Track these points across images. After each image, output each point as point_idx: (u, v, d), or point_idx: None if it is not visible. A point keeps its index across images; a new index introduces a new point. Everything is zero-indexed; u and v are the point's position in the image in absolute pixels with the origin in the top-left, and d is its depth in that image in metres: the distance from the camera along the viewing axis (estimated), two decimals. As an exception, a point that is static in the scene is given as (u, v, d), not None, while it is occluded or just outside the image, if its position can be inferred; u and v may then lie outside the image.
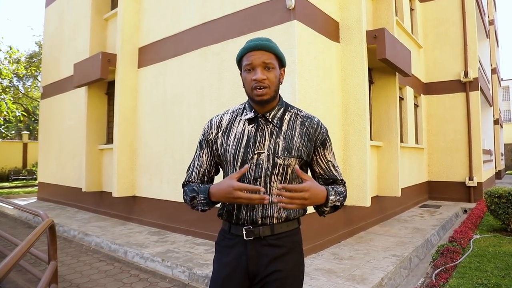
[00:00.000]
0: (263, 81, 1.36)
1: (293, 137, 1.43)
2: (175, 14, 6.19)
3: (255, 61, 1.37)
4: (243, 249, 1.41)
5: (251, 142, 1.42)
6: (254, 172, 1.40)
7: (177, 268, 4.12)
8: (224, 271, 1.43)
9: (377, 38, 5.30)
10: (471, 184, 9.13)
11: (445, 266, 3.78)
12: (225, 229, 1.49)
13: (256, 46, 1.37)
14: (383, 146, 6.35)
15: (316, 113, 4.77)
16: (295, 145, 1.42)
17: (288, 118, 1.46)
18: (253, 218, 1.40)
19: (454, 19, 9.67)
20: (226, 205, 1.47)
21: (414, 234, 5.64)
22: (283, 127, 1.44)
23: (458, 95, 9.50)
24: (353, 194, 5.27)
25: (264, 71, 1.37)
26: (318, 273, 3.84)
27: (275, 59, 1.40)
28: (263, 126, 1.43)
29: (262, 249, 1.40)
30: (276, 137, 1.42)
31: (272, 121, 1.44)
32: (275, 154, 1.40)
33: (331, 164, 1.51)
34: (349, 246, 4.97)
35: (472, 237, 5.13)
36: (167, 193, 6.10)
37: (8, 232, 6.59)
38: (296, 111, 1.50)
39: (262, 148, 1.41)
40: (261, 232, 1.40)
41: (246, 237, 1.40)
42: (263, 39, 1.40)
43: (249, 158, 1.40)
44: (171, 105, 6.13)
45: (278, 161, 1.39)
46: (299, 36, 4.48)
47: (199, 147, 1.57)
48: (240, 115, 1.50)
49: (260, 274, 1.40)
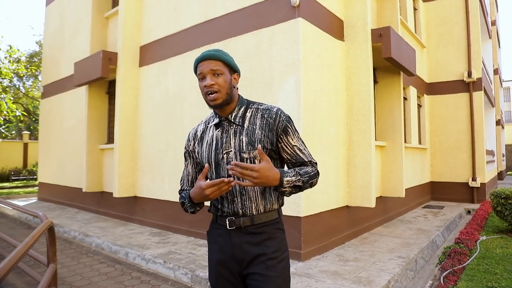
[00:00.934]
0: (212, 86, 1.50)
1: (254, 131, 1.55)
2: (176, 12, 6.12)
3: (204, 70, 1.52)
4: (228, 237, 1.57)
5: (219, 144, 1.58)
6: (227, 170, 1.53)
7: (180, 270, 4.04)
8: (215, 256, 1.61)
9: (382, 37, 5.23)
10: (474, 185, 9.05)
11: (453, 268, 3.70)
12: (213, 220, 1.67)
13: (204, 57, 1.52)
14: (387, 146, 6.28)
15: (321, 112, 4.70)
16: (257, 138, 1.54)
17: (249, 115, 1.59)
18: (235, 210, 1.56)
19: (457, 19, 9.59)
20: (213, 201, 1.63)
21: (419, 235, 5.57)
22: (245, 124, 1.57)
23: (461, 95, 9.43)
24: (357, 194, 5.20)
25: (213, 77, 1.51)
26: (323, 275, 3.77)
27: (223, 65, 1.53)
28: (227, 128, 1.58)
29: (244, 237, 1.55)
30: (239, 135, 1.55)
31: (235, 121, 1.57)
32: (241, 150, 1.54)
33: (296, 148, 1.60)
34: (354, 247, 4.90)
35: (479, 238, 5.05)
36: (169, 193, 6.02)
37: (7, 233, 6.52)
38: (257, 106, 1.62)
39: (229, 148, 1.56)
40: (241, 222, 1.55)
41: (229, 227, 1.56)
42: (212, 50, 1.54)
43: (220, 158, 1.57)
44: (172, 104, 6.05)
45: (244, 155, 1.53)
46: (304, 34, 4.41)
47: (185, 159, 1.76)
48: (210, 123, 1.66)
49: (246, 259, 1.54)
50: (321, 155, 4.61)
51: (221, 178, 1.51)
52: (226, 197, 1.56)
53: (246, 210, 1.55)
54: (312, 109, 4.49)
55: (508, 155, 24.90)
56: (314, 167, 1.62)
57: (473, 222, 5.94)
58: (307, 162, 1.61)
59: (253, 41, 4.89)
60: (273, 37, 4.66)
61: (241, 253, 1.55)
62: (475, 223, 5.89)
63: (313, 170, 1.60)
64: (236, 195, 1.55)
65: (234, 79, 1.58)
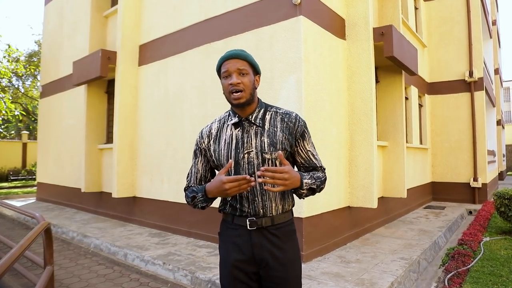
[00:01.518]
0: (238, 85, 1.52)
1: (275, 133, 1.59)
2: (176, 11, 6.06)
3: (231, 68, 1.54)
4: (248, 237, 1.57)
5: (240, 144, 1.59)
6: (248, 170, 1.57)
7: (179, 272, 3.98)
8: (232, 256, 1.58)
9: (384, 35, 5.17)
10: (476, 185, 8.99)
11: (457, 270, 3.64)
12: (228, 220, 1.65)
13: (231, 55, 1.55)
14: (388, 146, 6.22)
15: (322, 112, 4.64)
16: (279, 140, 1.58)
17: (269, 117, 1.62)
18: (255, 210, 1.57)
19: (458, 18, 9.53)
20: (229, 200, 1.62)
21: (421, 236, 5.51)
22: (265, 126, 1.60)
23: (462, 95, 9.37)
24: (359, 195, 5.14)
25: (239, 77, 1.54)
26: (325, 277, 3.71)
27: (248, 66, 1.57)
28: (247, 128, 1.60)
29: (264, 237, 1.57)
30: (260, 136, 1.58)
31: (255, 122, 1.60)
32: (263, 151, 1.57)
33: (310, 153, 1.68)
34: (355, 248, 4.84)
35: (482, 239, 4.99)
36: (168, 193, 5.96)
37: (5, 233, 6.45)
38: (276, 110, 1.66)
39: (250, 148, 1.58)
40: (263, 222, 1.57)
41: (250, 227, 1.56)
42: (238, 50, 1.58)
43: (241, 158, 1.57)
44: (172, 104, 5.99)
45: (266, 156, 1.56)
46: (305, 33, 4.35)
47: (194, 156, 1.74)
48: (226, 122, 1.66)
49: (265, 259, 1.56)
50: (323, 155, 4.55)
51: None
52: (246, 197, 1.57)
53: (266, 211, 1.58)
54: (313, 109, 4.43)
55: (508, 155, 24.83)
56: (324, 172, 1.70)
57: (476, 223, 5.88)
58: (318, 167, 1.70)
59: (253, 39, 4.83)
60: (274, 35, 4.60)
61: (261, 253, 1.56)
62: (478, 224, 5.83)
63: (323, 175, 1.68)
64: (257, 195, 1.57)
65: (256, 80, 1.62)
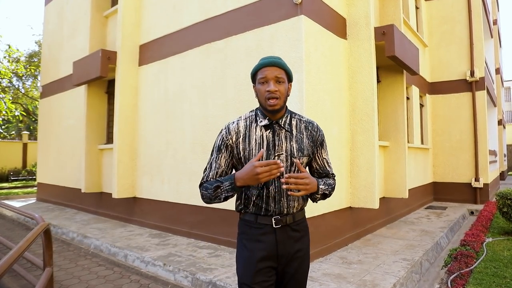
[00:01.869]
0: (275, 92, 1.60)
1: (302, 139, 1.71)
2: (176, 11, 6.03)
3: (269, 75, 1.62)
4: (273, 235, 1.66)
5: (271, 146, 1.67)
6: None
7: (180, 273, 3.95)
8: (259, 254, 1.65)
9: (385, 35, 5.14)
10: (477, 185, 8.95)
11: (460, 271, 3.61)
12: (250, 220, 1.71)
13: (270, 63, 1.62)
14: (390, 146, 6.19)
15: (324, 112, 4.61)
16: (305, 146, 1.71)
17: (295, 124, 1.74)
18: (280, 209, 1.67)
19: (459, 18, 9.50)
20: (254, 201, 1.68)
21: (423, 237, 5.48)
22: (293, 131, 1.71)
23: (464, 94, 9.33)
24: (360, 195, 5.11)
25: (276, 84, 1.62)
26: (327, 279, 3.67)
27: (285, 74, 1.65)
28: (278, 132, 1.69)
29: (287, 234, 1.69)
30: (290, 141, 1.69)
31: (284, 126, 1.69)
32: (292, 154, 1.68)
33: (325, 161, 1.82)
34: (357, 249, 4.81)
35: (485, 240, 4.96)
36: (169, 194, 5.93)
37: (5, 234, 6.43)
38: (299, 117, 1.78)
39: (281, 150, 1.68)
40: (287, 220, 1.69)
41: (275, 225, 1.67)
42: (275, 57, 1.66)
43: (271, 159, 1.65)
44: (172, 104, 5.96)
45: (295, 160, 1.67)
46: (306, 32, 4.32)
47: (217, 151, 1.73)
48: (254, 122, 1.72)
49: (287, 255, 1.69)
50: (324, 156, 4.51)
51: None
52: (273, 197, 1.66)
53: (289, 209, 1.69)
54: (314, 108, 4.40)
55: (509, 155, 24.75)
56: (334, 180, 1.84)
57: (478, 224, 5.84)
58: (330, 174, 1.85)
59: (254, 39, 4.80)
60: (274, 35, 4.57)
61: (284, 249, 1.68)
62: (480, 224, 5.79)
63: (334, 182, 1.82)
64: (282, 195, 1.67)
65: (289, 87, 1.72)
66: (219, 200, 1.65)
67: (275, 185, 1.65)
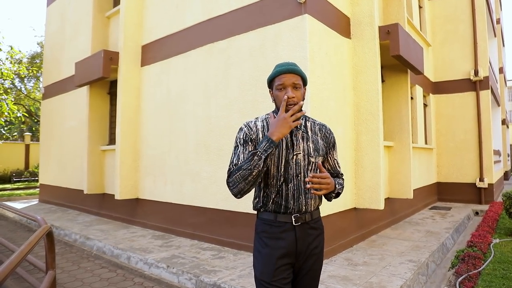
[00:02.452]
0: (293, 99, 1.67)
1: (317, 140, 1.80)
2: (179, 10, 6.00)
3: (287, 82, 1.69)
4: (293, 233, 1.71)
5: (289, 145, 1.74)
6: (295, 170, 1.73)
7: (183, 275, 3.91)
8: (279, 252, 1.69)
9: (390, 34, 5.09)
10: (482, 186, 8.88)
11: (468, 273, 3.55)
12: (270, 219, 1.75)
13: (288, 70, 1.70)
14: (394, 146, 6.13)
15: (328, 112, 4.56)
16: (321, 147, 1.80)
17: (309, 126, 1.83)
18: (299, 207, 1.73)
19: (463, 17, 9.43)
20: (273, 198, 1.73)
21: (428, 238, 5.42)
22: (309, 133, 1.80)
23: (467, 94, 9.26)
24: (365, 196, 5.06)
25: (294, 90, 1.69)
26: (333, 281, 3.62)
27: (301, 80, 1.73)
28: (295, 132, 1.76)
29: (306, 231, 1.75)
30: (306, 141, 1.77)
31: (300, 128, 1.78)
32: (309, 154, 1.76)
33: (336, 162, 1.94)
34: (362, 250, 4.75)
35: (492, 241, 4.89)
36: (171, 195, 5.89)
37: (7, 235, 6.41)
38: (312, 120, 1.87)
39: (299, 150, 1.75)
40: (306, 218, 1.75)
41: (295, 223, 1.72)
42: (291, 63, 1.73)
43: (290, 158, 1.73)
44: (175, 104, 5.92)
45: (312, 159, 1.76)
46: (310, 31, 4.27)
47: (243, 144, 1.75)
48: None
49: (305, 251, 1.74)
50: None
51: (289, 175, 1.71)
52: (292, 194, 1.71)
53: (308, 207, 1.75)
54: (319, 109, 4.35)
55: (512, 155, 24.60)
56: (343, 179, 1.94)
57: (484, 224, 5.78)
58: (340, 175, 1.95)
59: (258, 39, 4.76)
60: (278, 34, 4.52)
61: (303, 246, 1.73)
62: (486, 225, 5.72)
63: (343, 182, 1.92)
64: (301, 193, 1.72)
65: (304, 92, 1.77)
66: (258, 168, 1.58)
67: (294, 182, 1.71)
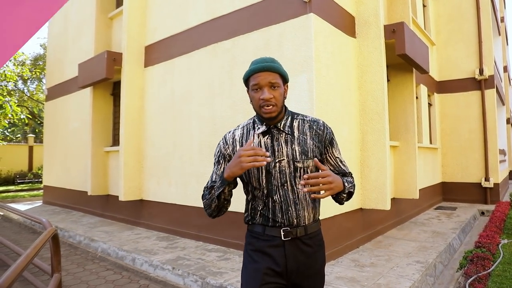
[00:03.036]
0: (270, 100, 1.48)
1: (305, 140, 1.55)
2: (182, 10, 5.98)
3: (262, 82, 1.48)
4: (281, 248, 1.51)
5: (270, 152, 1.53)
6: (280, 179, 1.52)
7: (189, 277, 3.88)
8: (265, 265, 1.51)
9: (395, 33, 5.04)
10: (487, 185, 8.80)
11: (477, 274, 3.50)
12: (258, 231, 1.56)
13: (263, 68, 1.48)
14: (399, 146, 6.08)
15: (334, 112, 4.52)
16: (310, 148, 1.55)
17: (296, 125, 1.58)
18: (289, 220, 1.52)
19: (467, 15, 9.36)
20: (259, 211, 1.56)
21: (435, 238, 5.37)
22: (294, 133, 1.56)
23: (472, 93, 9.18)
24: (371, 196, 5.01)
25: (271, 90, 1.49)
26: (340, 282, 3.59)
27: (279, 77, 1.52)
28: (277, 136, 1.55)
29: (298, 248, 1.52)
30: (291, 144, 1.54)
31: (284, 130, 1.55)
32: (294, 159, 1.53)
33: (338, 160, 1.67)
34: (369, 251, 4.71)
35: (500, 242, 4.84)
36: (176, 196, 5.87)
37: (12, 237, 6.40)
38: (302, 117, 1.62)
39: (282, 156, 1.53)
40: (297, 232, 1.52)
41: (284, 237, 1.51)
42: (268, 59, 1.51)
43: (272, 167, 1.52)
44: (179, 105, 5.90)
45: (298, 165, 1.53)
46: (316, 31, 4.24)
47: (217, 163, 1.64)
48: (251, 130, 1.61)
49: (296, 271, 1.52)
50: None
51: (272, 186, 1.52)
52: (280, 206, 1.52)
53: (300, 220, 1.53)
54: (325, 109, 4.31)
55: (517, 154, 24.41)
56: (352, 178, 1.69)
57: (492, 225, 5.71)
58: (347, 173, 1.68)
59: (262, 38, 4.72)
60: (283, 34, 4.49)
61: (294, 264, 1.52)
62: (494, 225, 5.66)
63: (353, 180, 1.67)
64: (290, 204, 1.52)
65: (285, 90, 1.58)
66: (215, 202, 1.51)
67: (280, 193, 1.51)
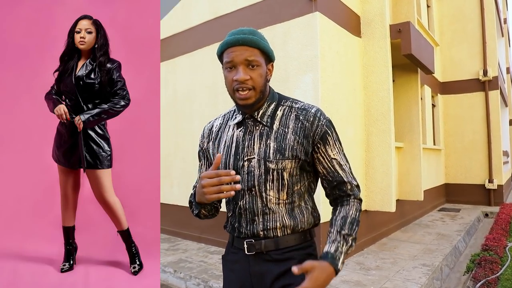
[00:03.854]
0: (246, 82, 1.13)
1: (285, 135, 1.18)
2: (184, 9, 5.92)
3: (236, 58, 1.13)
4: (246, 265, 1.22)
5: (240, 148, 1.22)
6: (247, 181, 1.19)
7: (191, 281, 3.81)
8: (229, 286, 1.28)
9: (401, 33, 4.98)
10: (491, 187, 8.74)
11: (486, 279, 3.44)
12: (230, 242, 1.32)
13: (238, 41, 1.13)
14: (404, 147, 6.01)
15: (339, 112, 4.46)
16: (289, 144, 1.17)
17: (280, 114, 1.22)
18: (254, 232, 1.20)
19: (471, 16, 9.29)
20: (229, 217, 1.29)
21: (440, 241, 5.30)
22: (274, 125, 1.20)
23: (476, 94, 9.12)
24: (376, 198, 4.94)
25: (247, 70, 1.14)
26: (346, 286, 3.52)
27: (260, 55, 1.16)
28: (251, 128, 1.22)
29: (265, 265, 1.20)
30: (266, 139, 1.19)
31: (262, 120, 1.21)
32: (266, 158, 1.17)
33: (335, 163, 1.22)
34: (374, 254, 4.64)
35: (507, 244, 4.78)
36: (178, 197, 5.81)
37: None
38: (291, 104, 1.24)
39: (252, 153, 1.20)
40: (263, 246, 1.19)
41: (248, 251, 1.21)
42: (246, 31, 1.16)
43: (240, 166, 1.20)
44: (181, 105, 5.84)
45: (271, 165, 1.17)
46: (321, 30, 4.17)
47: (198, 159, 1.43)
48: (230, 119, 1.31)
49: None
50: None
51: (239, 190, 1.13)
52: (245, 215, 1.21)
53: (268, 232, 1.19)
54: (330, 109, 4.24)
55: (520, 156, 24.33)
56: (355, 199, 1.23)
57: (498, 227, 5.65)
58: (346, 183, 1.22)
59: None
60: (287, 33, 4.43)
61: (260, 284, 1.20)
62: (500, 227, 5.60)
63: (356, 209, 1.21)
64: (257, 213, 1.19)
65: (269, 70, 1.21)
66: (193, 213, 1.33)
67: (247, 199, 1.20)
